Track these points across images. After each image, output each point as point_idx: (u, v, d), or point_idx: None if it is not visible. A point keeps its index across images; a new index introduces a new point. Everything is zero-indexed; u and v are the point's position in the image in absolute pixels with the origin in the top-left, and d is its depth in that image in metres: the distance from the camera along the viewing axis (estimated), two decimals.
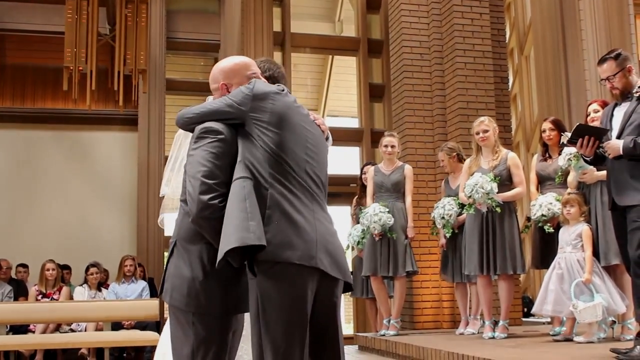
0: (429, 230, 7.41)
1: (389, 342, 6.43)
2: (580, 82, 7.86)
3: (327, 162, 2.88)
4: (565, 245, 5.48)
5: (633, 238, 4.31)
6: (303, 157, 2.68)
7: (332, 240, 2.69)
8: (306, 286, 2.56)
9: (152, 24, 11.43)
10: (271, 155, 2.59)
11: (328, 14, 14.23)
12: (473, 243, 6.08)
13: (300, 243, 2.54)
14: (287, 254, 2.51)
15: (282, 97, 2.71)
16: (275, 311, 2.51)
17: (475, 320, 6.74)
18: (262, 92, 2.68)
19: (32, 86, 11.85)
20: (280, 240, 2.51)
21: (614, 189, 4.50)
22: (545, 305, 5.47)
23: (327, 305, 2.68)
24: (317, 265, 2.56)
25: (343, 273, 2.70)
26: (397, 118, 8.59)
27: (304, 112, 2.82)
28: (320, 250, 2.59)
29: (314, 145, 2.76)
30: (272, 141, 2.60)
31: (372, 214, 6.67)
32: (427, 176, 8.12)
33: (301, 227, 2.57)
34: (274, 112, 2.65)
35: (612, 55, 4.67)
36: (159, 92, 11.62)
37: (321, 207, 2.71)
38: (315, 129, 2.83)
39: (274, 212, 2.54)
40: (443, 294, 7.90)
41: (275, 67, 3.16)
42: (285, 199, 2.57)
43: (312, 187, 2.68)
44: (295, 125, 2.69)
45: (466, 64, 8.09)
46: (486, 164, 6.18)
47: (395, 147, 6.96)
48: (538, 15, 9.21)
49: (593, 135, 4.54)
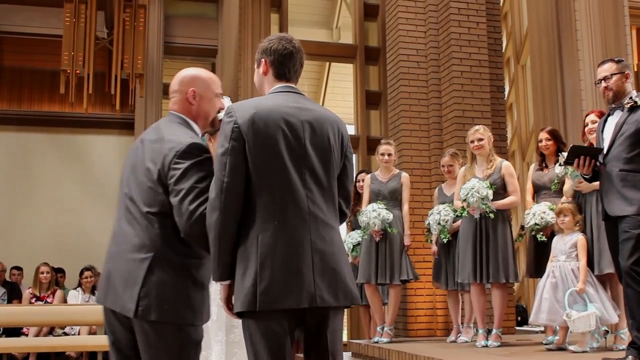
0: (424, 237, 7.42)
1: (382, 349, 6.43)
2: (576, 92, 7.89)
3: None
4: (560, 254, 5.50)
5: (624, 248, 4.34)
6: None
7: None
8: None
9: (150, 29, 11.45)
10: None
11: (326, 21, 14.27)
12: (466, 251, 6.09)
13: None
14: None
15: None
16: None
17: (468, 328, 6.75)
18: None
19: (29, 89, 11.85)
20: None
21: (605, 200, 4.54)
22: (540, 314, 5.48)
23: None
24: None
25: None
26: (393, 125, 8.60)
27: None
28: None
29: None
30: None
31: (371, 210, 6.67)
32: (422, 184, 8.13)
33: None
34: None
35: (614, 59, 4.78)
36: (155, 96, 11.62)
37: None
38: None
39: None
40: (437, 302, 7.91)
41: (282, 47, 2.88)
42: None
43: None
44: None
45: (462, 73, 8.11)
46: (481, 172, 6.20)
47: (392, 155, 6.98)
48: (535, 24, 9.24)
49: (588, 155, 4.60)
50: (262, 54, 2.89)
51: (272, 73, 2.87)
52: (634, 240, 4.29)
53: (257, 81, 2.95)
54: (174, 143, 2.70)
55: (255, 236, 2.56)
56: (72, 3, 10.20)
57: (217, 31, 12.38)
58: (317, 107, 2.84)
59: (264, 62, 2.87)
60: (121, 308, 2.64)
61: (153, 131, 2.89)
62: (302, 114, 2.71)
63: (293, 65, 2.86)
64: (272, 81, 2.86)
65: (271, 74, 2.87)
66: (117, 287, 2.67)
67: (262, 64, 2.89)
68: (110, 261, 2.77)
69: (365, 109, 12.34)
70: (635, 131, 4.44)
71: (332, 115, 2.85)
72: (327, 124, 2.76)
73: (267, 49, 2.87)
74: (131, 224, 2.75)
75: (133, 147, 2.87)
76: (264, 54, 2.88)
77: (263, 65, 2.88)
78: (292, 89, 2.84)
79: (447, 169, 7.00)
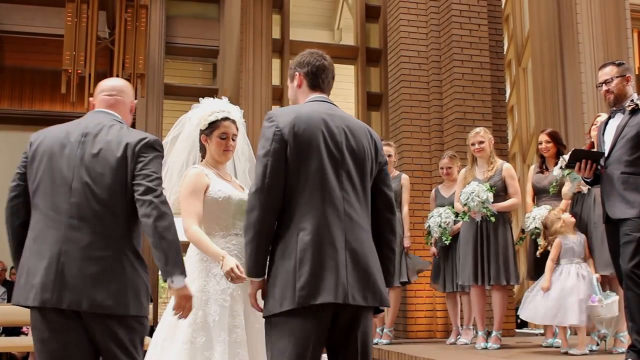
0: (424, 239, 7.41)
1: (381, 350, 6.43)
2: (577, 95, 7.90)
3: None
4: (572, 255, 5.42)
5: (625, 251, 4.34)
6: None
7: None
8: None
9: (152, 29, 11.46)
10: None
11: (327, 22, 14.28)
12: (467, 253, 6.09)
13: None
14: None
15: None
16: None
17: (467, 330, 6.75)
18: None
19: (31, 88, 11.87)
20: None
21: (606, 202, 4.54)
22: (569, 315, 5.29)
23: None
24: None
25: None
26: (394, 127, 8.61)
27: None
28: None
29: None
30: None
31: None
32: (422, 185, 8.13)
33: None
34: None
35: (615, 62, 4.79)
36: (157, 96, 11.63)
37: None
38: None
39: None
40: (437, 304, 7.91)
41: (315, 59, 3.01)
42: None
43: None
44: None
45: (464, 75, 8.11)
46: (481, 174, 6.20)
47: (392, 156, 6.97)
48: (536, 27, 9.25)
49: (590, 159, 4.61)
50: (296, 67, 3.01)
51: (306, 84, 2.98)
52: (635, 243, 4.29)
53: (292, 95, 3.06)
54: (141, 134, 2.95)
55: (295, 234, 2.65)
56: (74, 3, 10.21)
57: (218, 32, 12.40)
58: (349, 116, 2.96)
59: (298, 75, 2.99)
60: (90, 305, 2.74)
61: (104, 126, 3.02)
62: (338, 121, 2.83)
63: (326, 77, 2.99)
64: (307, 92, 2.98)
65: (305, 85, 2.98)
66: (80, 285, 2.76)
67: (295, 77, 3.00)
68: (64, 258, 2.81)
69: (366, 110, 12.35)
70: (636, 134, 4.44)
71: (365, 124, 2.98)
72: (361, 131, 2.89)
73: (301, 62, 3.00)
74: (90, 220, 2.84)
75: (70, 142, 2.93)
76: (298, 67, 3.00)
77: (297, 78, 2.99)
78: (326, 99, 2.96)
79: (446, 171, 7.00)
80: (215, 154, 3.66)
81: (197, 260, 3.50)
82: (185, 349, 3.31)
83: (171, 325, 3.43)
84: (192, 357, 3.31)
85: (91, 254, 2.76)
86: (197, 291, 3.39)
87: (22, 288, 2.80)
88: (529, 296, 5.51)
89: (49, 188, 2.86)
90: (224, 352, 3.31)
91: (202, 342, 3.32)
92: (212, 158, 3.68)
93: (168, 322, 3.46)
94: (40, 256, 2.77)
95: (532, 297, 5.48)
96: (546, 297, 5.33)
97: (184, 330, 3.35)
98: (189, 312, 2.94)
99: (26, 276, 2.80)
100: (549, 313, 5.31)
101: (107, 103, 3.10)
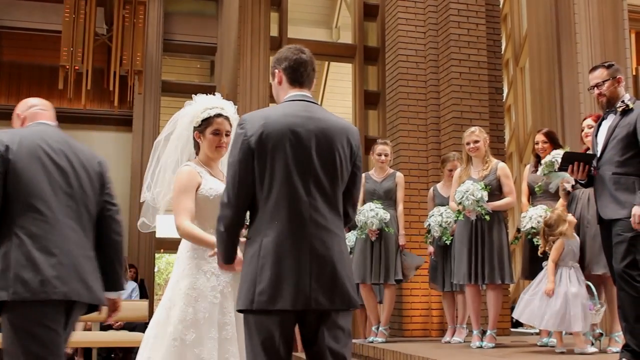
0: (420, 238, 7.42)
1: (377, 349, 6.44)
2: (574, 95, 7.90)
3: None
4: (569, 259, 5.40)
5: (617, 251, 4.36)
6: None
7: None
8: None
9: (150, 25, 11.46)
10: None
11: (325, 20, 14.28)
12: (462, 252, 6.10)
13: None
14: None
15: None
16: None
17: (461, 329, 6.76)
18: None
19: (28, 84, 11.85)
20: None
21: (598, 203, 4.57)
22: (576, 323, 5.23)
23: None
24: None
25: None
26: (391, 126, 8.61)
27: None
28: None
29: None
30: None
31: (369, 209, 6.68)
32: (419, 184, 8.14)
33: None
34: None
35: (604, 64, 4.76)
36: (154, 93, 11.63)
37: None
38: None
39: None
40: (432, 302, 7.91)
41: (292, 54, 2.98)
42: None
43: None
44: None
45: (461, 74, 8.12)
46: (476, 173, 6.21)
47: (388, 155, 6.98)
48: (534, 27, 9.25)
49: (582, 161, 4.63)
50: (275, 64, 2.99)
51: (286, 80, 2.96)
52: (627, 243, 4.31)
53: (274, 92, 3.04)
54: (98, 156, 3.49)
55: (259, 240, 2.73)
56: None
57: (216, 29, 12.39)
58: (328, 116, 2.91)
59: (278, 71, 2.97)
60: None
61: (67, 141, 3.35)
62: (310, 124, 2.80)
63: (305, 71, 2.96)
64: (287, 88, 2.96)
65: (285, 82, 2.96)
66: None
67: (276, 74, 2.98)
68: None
69: (363, 108, 12.36)
70: (627, 134, 4.45)
71: (343, 124, 2.93)
72: (336, 134, 2.84)
73: (279, 58, 2.98)
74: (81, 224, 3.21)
75: (52, 151, 3.21)
76: (277, 63, 2.98)
77: (277, 75, 2.97)
78: (305, 97, 2.93)
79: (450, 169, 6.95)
80: (208, 151, 3.66)
81: (187, 257, 3.51)
82: (175, 345, 3.33)
83: (160, 323, 3.44)
84: (182, 354, 3.32)
85: None
86: (187, 288, 3.42)
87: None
88: (524, 298, 5.44)
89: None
90: (213, 349, 3.33)
91: (192, 339, 3.33)
92: (204, 155, 3.68)
93: (158, 319, 3.48)
94: None
95: (528, 299, 5.41)
96: (549, 302, 5.24)
97: (174, 327, 3.36)
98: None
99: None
100: (554, 320, 5.21)
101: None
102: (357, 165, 2.93)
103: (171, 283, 3.54)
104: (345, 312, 2.79)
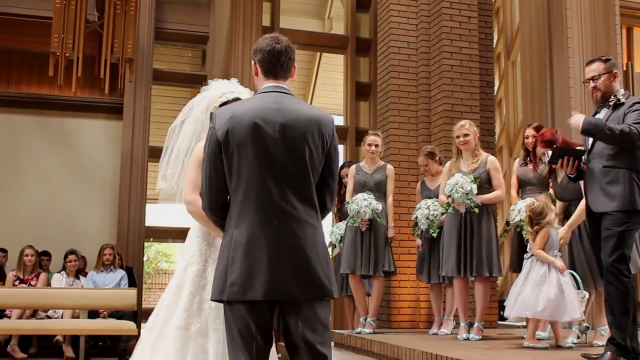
0: (409, 230, 7.44)
1: (364, 339, 6.47)
2: (565, 89, 7.93)
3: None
4: (553, 249, 5.43)
5: (606, 245, 4.39)
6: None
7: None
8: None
9: (141, 13, 11.38)
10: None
11: (318, 11, 14.24)
12: (451, 244, 6.13)
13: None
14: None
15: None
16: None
17: (448, 321, 6.80)
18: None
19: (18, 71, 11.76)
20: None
21: (588, 196, 4.59)
22: (574, 312, 5.27)
23: None
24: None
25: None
26: (382, 117, 8.62)
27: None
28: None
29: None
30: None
31: (362, 199, 6.69)
32: (409, 177, 8.16)
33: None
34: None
35: (602, 58, 4.78)
36: (145, 81, 11.56)
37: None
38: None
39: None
40: (420, 294, 7.95)
41: (266, 44, 2.93)
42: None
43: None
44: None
45: (452, 67, 8.13)
46: (466, 167, 6.24)
47: (379, 146, 7.00)
48: (526, 21, 9.27)
49: (572, 155, 4.65)
50: (252, 55, 2.98)
51: (260, 72, 2.94)
52: (616, 237, 4.34)
53: (255, 84, 3.03)
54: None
55: (230, 232, 2.77)
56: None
57: (208, 18, 12.32)
58: (299, 106, 2.87)
59: (254, 63, 2.96)
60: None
61: None
62: (277, 116, 2.77)
63: (278, 61, 2.91)
64: (262, 80, 2.94)
65: (260, 73, 2.94)
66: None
67: (253, 65, 2.97)
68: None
69: (354, 100, 12.34)
70: None
71: (315, 113, 2.88)
72: (305, 124, 2.80)
73: (255, 49, 2.96)
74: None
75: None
76: (253, 54, 2.97)
77: (254, 67, 2.96)
78: (277, 87, 2.88)
79: (424, 168, 7.10)
80: None
81: (197, 244, 3.49)
82: (179, 335, 3.30)
83: (171, 306, 3.41)
84: (185, 343, 3.29)
85: None
86: (195, 275, 3.40)
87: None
88: (514, 292, 5.40)
89: None
90: (218, 341, 3.28)
91: (196, 329, 3.32)
92: None
93: (167, 303, 3.43)
94: None
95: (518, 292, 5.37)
96: (543, 290, 5.24)
97: (179, 316, 3.34)
98: None
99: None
100: (550, 307, 5.18)
101: None
102: (330, 155, 2.89)
103: (179, 269, 3.51)
104: (322, 302, 2.79)
